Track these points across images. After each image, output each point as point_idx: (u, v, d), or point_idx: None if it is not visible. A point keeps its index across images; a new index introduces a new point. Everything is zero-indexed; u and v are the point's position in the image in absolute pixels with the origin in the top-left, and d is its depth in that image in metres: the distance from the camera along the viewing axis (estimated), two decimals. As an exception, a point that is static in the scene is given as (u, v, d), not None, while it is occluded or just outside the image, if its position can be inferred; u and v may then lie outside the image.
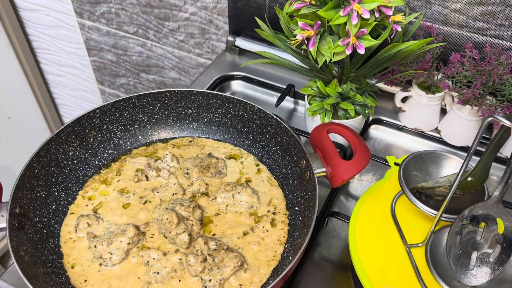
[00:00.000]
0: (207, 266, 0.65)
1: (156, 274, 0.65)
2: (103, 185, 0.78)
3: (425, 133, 0.91)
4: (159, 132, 0.85)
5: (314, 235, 0.74)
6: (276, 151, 0.80)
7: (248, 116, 0.81)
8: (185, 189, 0.77)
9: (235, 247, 0.69)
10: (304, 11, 0.69)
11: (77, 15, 1.38)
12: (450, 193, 0.57)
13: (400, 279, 0.60)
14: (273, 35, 0.80)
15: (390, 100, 0.95)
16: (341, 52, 0.68)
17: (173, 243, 0.69)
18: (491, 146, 0.57)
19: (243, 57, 1.11)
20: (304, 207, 0.71)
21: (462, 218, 0.57)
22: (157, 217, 0.72)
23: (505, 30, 0.81)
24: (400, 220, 0.66)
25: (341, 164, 0.68)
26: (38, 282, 0.59)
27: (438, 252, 0.60)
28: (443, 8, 0.84)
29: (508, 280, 0.57)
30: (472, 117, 0.83)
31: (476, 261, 0.56)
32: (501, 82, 0.78)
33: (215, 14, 1.13)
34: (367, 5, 0.64)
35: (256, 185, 0.78)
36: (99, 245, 0.67)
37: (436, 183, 0.65)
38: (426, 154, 0.68)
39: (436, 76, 0.84)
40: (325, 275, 0.70)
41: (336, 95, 0.80)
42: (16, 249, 0.60)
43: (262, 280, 0.66)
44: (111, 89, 1.57)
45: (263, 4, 1.00)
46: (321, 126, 0.73)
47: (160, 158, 0.82)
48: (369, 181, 0.84)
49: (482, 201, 0.58)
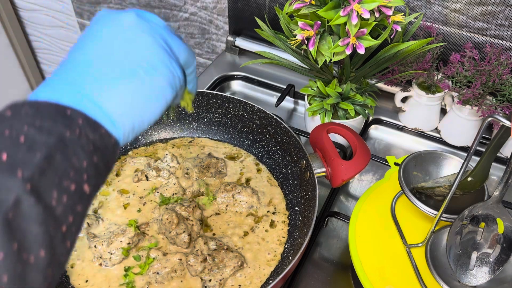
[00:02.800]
0: (207, 266, 0.65)
1: (156, 274, 0.65)
2: (103, 185, 0.78)
3: (425, 133, 0.91)
4: (159, 132, 0.85)
5: (314, 235, 0.74)
6: (276, 151, 0.80)
7: (248, 116, 0.81)
8: (185, 189, 0.77)
9: (235, 247, 0.69)
10: (304, 11, 0.69)
11: (77, 15, 1.38)
12: (450, 193, 0.57)
13: (400, 279, 0.60)
14: (273, 35, 0.80)
15: (390, 100, 0.95)
16: (341, 52, 0.68)
17: (173, 243, 0.69)
18: (491, 146, 0.57)
19: (243, 57, 1.11)
20: (304, 207, 0.71)
21: (462, 218, 0.57)
22: (157, 217, 0.72)
23: (505, 30, 0.81)
24: (400, 220, 0.66)
25: (341, 164, 0.68)
26: (38, 282, 0.59)
27: (438, 252, 0.60)
28: (443, 8, 0.84)
29: (508, 280, 0.57)
30: (472, 117, 0.83)
31: (476, 261, 0.55)
32: (501, 82, 0.78)
33: (215, 14, 1.13)
34: (367, 5, 0.64)
35: (256, 185, 0.78)
36: (99, 245, 0.67)
37: (436, 183, 0.65)
38: (426, 154, 0.68)
39: (436, 76, 0.84)
40: (325, 275, 0.70)
41: (336, 95, 0.80)
42: (16, 249, 0.60)
43: (262, 280, 0.66)
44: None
45: (263, 4, 1.00)
46: (321, 126, 0.73)
47: (160, 158, 0.81)
48: (369, 181, 0.84)
49: (482, 201, 0.58)
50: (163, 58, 0.40)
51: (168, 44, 0.41)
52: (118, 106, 0.36)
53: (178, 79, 0.41)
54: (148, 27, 0.40)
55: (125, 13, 0.40)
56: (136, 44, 0.39)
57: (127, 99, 0.37)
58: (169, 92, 0.40)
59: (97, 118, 0.34)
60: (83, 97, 0.35)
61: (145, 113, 0.38)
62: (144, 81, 0.38)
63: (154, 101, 0.39)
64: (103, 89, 0.36)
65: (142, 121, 0.38)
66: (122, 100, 0.37)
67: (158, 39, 0.40)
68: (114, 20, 0.40)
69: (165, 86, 0.39)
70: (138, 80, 0.38)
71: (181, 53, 0.42)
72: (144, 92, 0.38)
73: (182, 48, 0.43)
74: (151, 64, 0.39)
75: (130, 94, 0.37)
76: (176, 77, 0.41)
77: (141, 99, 0.38)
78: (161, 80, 0.39)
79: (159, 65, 0.39)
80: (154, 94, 0.39)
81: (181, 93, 0.46)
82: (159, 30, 0.41)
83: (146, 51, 0.39)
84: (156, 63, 0.39)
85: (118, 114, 0.36)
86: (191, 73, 0.46)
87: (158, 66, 0.39)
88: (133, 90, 0.37)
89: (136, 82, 0.37)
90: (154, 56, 0.39)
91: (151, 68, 0.38)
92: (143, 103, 0.38)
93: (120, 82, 0.37)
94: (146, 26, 0.40)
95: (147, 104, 0.38)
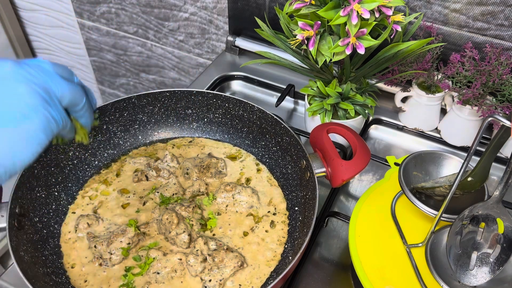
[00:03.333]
0: (207, 266, 0.65)
1: (156, 274, 0.65)
2: (103, 185, 0.78)
3: (425, 133, 0.91)
4: (159, 132, 0.85)
5: (314, 235, 0.74)
6: (276, 151, 0.80)
7: (248, 116, 0.81)
8: (185, 189, 0.77)
9: (235, 247, 0.69)
10: (304, 11, 0.69)
11: (77, 15, 1.38)
12: (450, 193, 0.57)
13: (400, 279, 0.60)
14: (273, 35, 0.80)
15: (390, 100, 0.95)
16: (341, 52, 0.68)
17: (173, 243, 0.69)
18: (491, 146, 0.57)
19: (243, 57, 1.11)
20: (304, 207, 0.71)
21: (462, 218, 0.57)
22: (157, 217, 0.72)
23: (505, 30, 0.81)
24: (400, 220, 0.66)
25: (341, 164, 0.68)
26: (38, 282, 0.59)
27: (438, 252, 0.60)
28: (443, 8, 0.84)
29: (508, 280, 0.57)
30: (472, 117, 0.83)
31: (476, 261, 0.55)
32: (501, 82, 0.78)
33: (215, 14, 1.13)
34: (367, 5, 0.64)
35: (256, 185, 0.78)
36: (99, 245, 0.67)
37: (436, 183, 0.65)
38: (426, 154, 0.68)
39: (436, 76, 0.84)
40: (325, 275, 0.70)
41: (336, 95, 0.80)
42: (16, 249, 0.60)
43: (262, 280, 0.66)
44: (111, 89, 1.57)
45: (263, 4, 1.00)
46: (321, 126, 0.73)
47: (160, 158, 0.81)
48: (369, 181, 0.84)
49: (482, 201, 0.58)
50: (36, 105, 0.43)
51: (47, 90, 0.45)
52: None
53: (54, 123, 0.45)
54: (24, 76, 0.44)
55: (1, 63, 0.44)
56: (8, 93, 0.42)
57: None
58: (42, 137, 0.44)
59: None
60: None
61: (16, 157, 0.43)
62: (14, 129, 0.42)
63: (26, 146, 0.43)
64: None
65: (13, 164, 0.43)
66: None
67: (34, 87, 0.44)
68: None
69: (38, 131, 0.43)
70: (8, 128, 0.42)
71: (64, 96, 0.47)
72: (13, 139, 0.42)
73: (67, 90, 0.47)
74: (21, 113, 0.42)
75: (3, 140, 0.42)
76: (52, 121, 0.45)
77: (9, 145, 0.42)
78: (32, 126, 0.43)
79: (31, 113, 0.43)
80: (25, 140, 0.43)
81: (67, 132, 0.52)
82: (39, 78, 0.45)
83: (19, 101, 0.43)
84: (28, 112, 0.43)
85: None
86: (80, 110, 0.51)
87: (30, 114, 0.43)
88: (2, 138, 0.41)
89: (5, 131, 0.42)
90: (26, 104, 0.43)
91: (22, 117, 0.42)
92: (12, 149, 0.42)
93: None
94: (22, 75, 0.44)
95: (18, 150, 0.42)
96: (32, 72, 0.45)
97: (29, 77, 0.44)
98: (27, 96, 0.43)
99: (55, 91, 0.46)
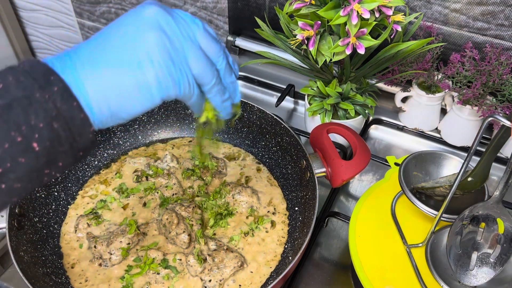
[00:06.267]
0: (207, 266, 0.65)
1: (155, 274, 0.65)
2: (103, 185, 0.77)
3: (425, 133, 0.91)
4: (159, 132, 0.85)
5: (314, 235, 0.74)
6: (276, 151, 0.80)
7: (248, 116, 0.81)
8: (185, 189, 0.77)
9: (235, 247, 0.69)
10: (304, 11, 0.69)
11: (77, 15, 1.38)
12: (450, 193, 0.57)
13: (400, 279, 0.60)
14: (273, 35, 0.80)
15: (390, 100, 0.95)
16: (341, 52, 0.68)
17: (173, 243, 0.69)
18: (491, 146, 0.57)
19: (243, 57, 1.11)
20: (304, 207, 0.71)
21: (462, 218, 0.57)
22: (157, 217, 0.72)
23: (505, 30, 0.81)
24: (400, 220, 0.66)
25: (341, 164, 0.68)
26: (38, 282, 0.59)
27: (438, 252, 0.60)
28: (443, 8, 0.84)
29: (508, 280, 0.57)
30: (472, 117, 0.83)
31: (476, 261, 0.55)
32: (501, 82, 0.78)
33: (215, 14, 1.13)
34: (367, 5, 0.64)
35: (256, 185, 0.78)
36: (99, 245, 0.67)
37: (436, 183, 0.65)
38: (426, 154, 0.68)
39: (436, 76, 0.84)
40: (325, 275, 0.70)
41: (336, 95, 0.80)
42: (16, 249, 0.60)
43: (262, 280, 0.66)
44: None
45: (263, 4, 1.00)
46: (321, 126, 0.73)
47: (160, 158, 0.81)
48: (369, 181, 0.84)
49: (482, 201, 0.58)
50: (157, 59, 0.40)
51: (177, 50, 0.41)
52: (97, 88, 0.38)
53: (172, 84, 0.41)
54: (161, 26, 0.41)
55: (148, 6, 0.41)
56: (135, 37, 0.40)
57: (107, 83, 0.39)
58: (154, 93, 0.41)
59: (74, 91, 0.37)
60: (72, 71, 0.38)
61: (124, 101, 0.40)
62: (127, 73, 0.39)
63: (135, 94, 0.40)
64: (90, 70, 0.39)
65: (120, 107, 0.40)
66: (103, 84, 0.39)
67: (166, 42, 0.41)
68: (137, 10, 0.41)
69: (150, 85, 0.40)
70: (122, 69, 0.39)
71: (195, 66, 0.43)
72: (124, 83, 0.39)
73: (200, 63, 0.43)
74: (138, 61, 0.40)
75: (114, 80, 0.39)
76: (170, 82, 0.41)
77: (119, 87, 0.39)
78: (145, 78, 0.40)
79: (148, 64, 0.40)
80: (136, 88, 0.40)
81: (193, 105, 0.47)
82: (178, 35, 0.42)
83: (141, 48, 0.40)
84: (145, 62, 0.40)
85: (95, 95, 0.38)
86: (209, 91, 0.46)
87: (146, 65, 0.40)
88: (113, 77, 0.39)
89: (118, 71, 0.39)
90: (146, 54, 0.40)
91: (137, 64, 0.39)
92: (121, 91, 0.39)
93: (108, 68, 0.39)
94: (160, 24, 0.41)
95: (127, 94, 0.40)
96: (173, 27, 0.41)
97: (167, 29, 0.41)
98: (153, 46, 0.40)
99: (186, 55, 0.42)
